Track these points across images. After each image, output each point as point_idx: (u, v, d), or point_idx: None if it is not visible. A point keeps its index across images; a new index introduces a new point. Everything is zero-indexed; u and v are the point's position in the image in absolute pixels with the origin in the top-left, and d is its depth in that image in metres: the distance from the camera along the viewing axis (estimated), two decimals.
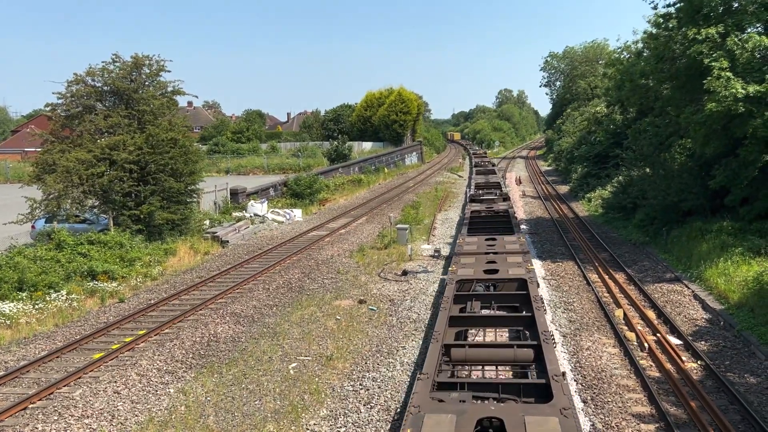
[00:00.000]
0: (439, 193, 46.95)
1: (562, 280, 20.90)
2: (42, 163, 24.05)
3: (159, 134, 25.33)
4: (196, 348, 15.11)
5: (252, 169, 58.57)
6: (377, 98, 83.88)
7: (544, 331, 9.23)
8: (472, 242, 16.45)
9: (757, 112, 18.51)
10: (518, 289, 12.11)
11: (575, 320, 16.64)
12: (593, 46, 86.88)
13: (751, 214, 21.50)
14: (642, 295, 18.85)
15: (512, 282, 12.42)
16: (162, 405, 12.04)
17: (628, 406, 11.54)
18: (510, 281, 12.47)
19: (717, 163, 22.50)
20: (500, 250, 15.15)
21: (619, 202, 32.36)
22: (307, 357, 14.31)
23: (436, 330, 9.49)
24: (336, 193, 45.58)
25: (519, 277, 12.51)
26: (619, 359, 13.86)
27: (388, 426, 10.98)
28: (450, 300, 11.15)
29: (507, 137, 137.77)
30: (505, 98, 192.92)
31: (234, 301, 18.97)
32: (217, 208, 33.85)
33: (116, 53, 25.91)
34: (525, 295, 11.63)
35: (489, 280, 12.62)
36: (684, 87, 22.57)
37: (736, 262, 18.88)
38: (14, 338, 15.92)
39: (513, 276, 12.63)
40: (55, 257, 20.35)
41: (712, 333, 15.36)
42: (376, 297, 19.18)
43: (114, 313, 18.13)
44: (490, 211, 23.15)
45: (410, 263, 23.64)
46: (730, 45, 19.49)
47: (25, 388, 12.78)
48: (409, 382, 12.64)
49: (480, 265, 13.72)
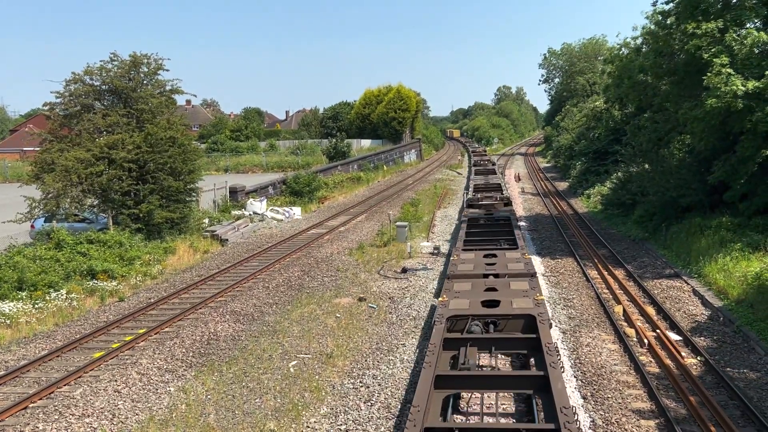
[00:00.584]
0: (438, 190, 46.95)
1: (561, 277, 20.92)
2: (41, 162, 24.05)
3: (158, 133, 25.32)
4: (197, 346, 15.12)
5: (251, 168, 58.55)
6: (376, 96, 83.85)
7: (564, 407, 6.74)
8: (468, 260, 14.31)
9: (757, 107, 18.51)
10: (526, 330, 10.17)
11: (575, 317, 16.65)
12: (591, 42, 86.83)
13: (750, 209, 21.51)
14: (641, 291, 18.86)
15: (517, 319, 10.34)
16: (162, 403, 12.05)
17: (628, 402, 11.56)
18: (515, 318, 10.36)
19: (716, 159, 22.50)
20: (502, 271, 13.08)
21: (618, 199, 32.37)
22: (307, 355, 14.33)
23: (415, 404, 7.09)
24: (335, 191, 45.57)
25: (526, 312, 10.38)
26: (619, 355, 13.87)
27: (389, 423, 10.99)
28: (438, 347, 9.14)
29: (506, 134, 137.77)
30: (503, 95, 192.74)
31: (234, 300, 18.97)
32: (217, 207, 33.84)
33: (114, 52, 25.88)
34: (535, 339, 9.61)
35: (488, 316, 10.37)
36: (682, 82, 22.56)
37: (736, 257, 18.89)
38: (14, 338, 15.93)
39: (518, 311, 10.50)
40: (54, 256, 20.35)
41: (712, 329, 15.38)
42: (375, 295, 19.19)
43: (114, 312, 18.14)
44: (489, 218, 21.35)
45: (410, 260, 23.65)
46: (728, 40, 19.49)
47: (26, 388, 12.78)
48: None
49: (477, 293, 11.55)
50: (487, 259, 14.16)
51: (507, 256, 14.18)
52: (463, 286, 11.90)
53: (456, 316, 10.29)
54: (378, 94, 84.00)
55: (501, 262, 13.75)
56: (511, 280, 12.04)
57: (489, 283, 11.82)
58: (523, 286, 11.61)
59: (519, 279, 12.18)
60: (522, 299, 10.81)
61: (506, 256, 14.18)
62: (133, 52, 26.17)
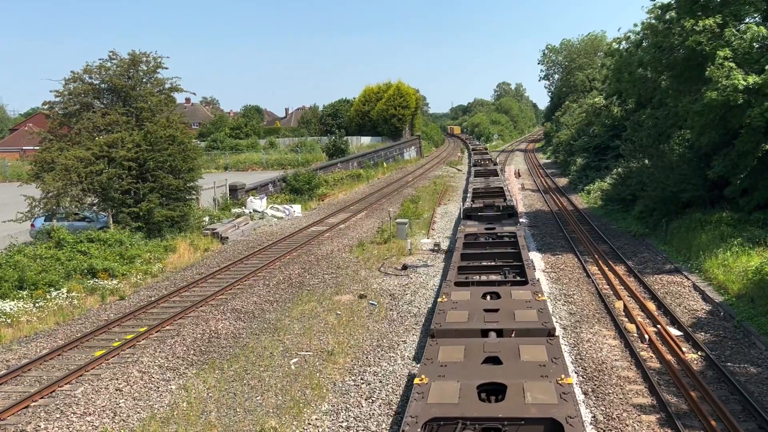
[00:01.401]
0: (438, 187, 46.94)
1: (562, 273, 20.92)
2: (40, 161, 24.04)
3: (157, 131, 25.31)
4: (197, 344, 15.13)
5: (251, 165, 58.52)
6: (375, 93, 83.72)
7: None
8: (461, 302, 10.46)
9: (755, 102, 18.50)
10: None
11: (575, 312, 16.66)
12: (591, 38, 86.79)
13: (750, 204, 21.51)
14: (642, 286, 18.87)
15: (533, 425, 6.60)
16: (164, 402, 12.07)
17: (629, 397, 11.57)
18: (528, 424, 6.61)
19: (716, 154, 22.50)
20: (507, 325, 9.42)
21: (618, 194, 32.37)
22: (308, 352, 14.34)
23: None
24: (335, 188, 45.56)
25: (546, 416, 6.60)
26: (620, 351, 13.88)
27: (390, 420, 11.00)
28: None
29: (505, 130, 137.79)
30: (503, 91, 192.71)
31: (234, 298, 18.98)
32: (217, 205, 33.85)
33: (113, 50, 25.85)
34: None
35: (488, 420, 6.66)
36: (682, 77, 22.55)
37: (736, 252, 18.89)
38: (15, 337, 15.94)
39: (534, 411, 6.70)
40: (55, 255, 20.36)
41: (712, 324, 15.39)
42: (376, 292, 19.20)
43: (115, 310, 18.15)
44: (491, 235, 16.90)
45: (410, 257, 23.66)
46: (728, 36, 19.46)
47: (27, 387, 12.79)
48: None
49: (472, 369, 7.86)
50: (488, 301, 10.61)
51: (514, 297, 10.69)
52: (453, 353, 8.31)
53: (438, 420, 6.74)
54: (377, 91, 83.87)
55: (506, 308, 10.04)
56: (522, 344, 8.44)
57: (490, 348, 8.37)
58: (538, 354, 8.09)
59: (532, 342, 8.50)
60: (539, 384, 7.24)
61: (513, 297, 10.68)
62: (132, 51, 26.17)
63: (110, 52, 25.90)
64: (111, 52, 25.86)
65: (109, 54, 25.91)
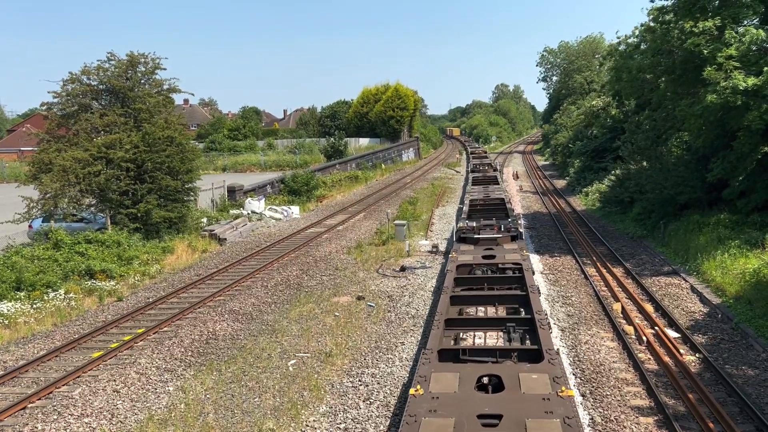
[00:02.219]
0: (437, 188, 46.96)
1: (560, 275, 20.93)
2: (38, 162, 24.00)
3: (155, 132, 25.29)
4: (195, 346, 15.11)
5: (249, 167, 58.51)
6: (374, 94, 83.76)
7: None
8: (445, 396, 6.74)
9: (753, 104, 18.53)
10: None
11: (573, 314, 16.67)
12: (588, 40, 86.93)
13: (748, 206, 21.54)
14: (640, 288, 18.88)
15: None
16: (161, 403, 12.04)
17: (627, 399, 11.57)
18: None
19: (714, 156, 22.52)
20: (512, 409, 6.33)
21: (616, 196, 32.40)
22: (306, 354, 14.32)
23: None
24: (333, 190, 45.56)
25: None
26: (618, 353, 13.89)
27: (388, 422, 10.99)
28: None
29: (504, 132, 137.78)
30: (501, 93, 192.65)
31: (232, 299, 18.96)
32: (215, 206, 33.82)
33: (111, 51, 25.83)
34: None
35: None
36: (680, 79, 22.57)
37: (734, 254, 18.92)
38: (13, 338, 15.90)
39: None
40: (52, 256, 20.33)
41: (710, 326, 15.40)
42: (374, 293, 19.19)
43: (112, 311, 18.11)
44: (489, 268, 13.13)
45: (408, 259, 23.65)
46: (727, 38, 19.49)
47: (24, 388, 12.76)
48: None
49: None
50: (485, 396, 6.83)
51: (524, 389, 6.82)
52: None
53: None
54: (376, 92, 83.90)
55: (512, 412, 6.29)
56: None
57: None
58: None
59: None
60: None
61: (523, 390, 6.79)
62: (130, 52, 26.16)
63: (108, 53, 25.94)
64: (109, 53, 25.89)
65: (107, 55, 25.92)
